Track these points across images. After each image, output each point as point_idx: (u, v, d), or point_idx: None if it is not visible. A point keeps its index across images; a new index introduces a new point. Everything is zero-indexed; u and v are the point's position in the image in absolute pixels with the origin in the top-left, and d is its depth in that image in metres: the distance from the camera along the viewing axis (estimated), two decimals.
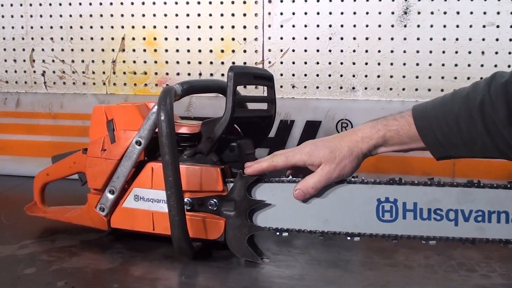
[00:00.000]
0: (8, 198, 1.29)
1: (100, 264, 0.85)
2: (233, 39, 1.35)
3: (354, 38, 1.28)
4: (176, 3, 1.36)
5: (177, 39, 1.38)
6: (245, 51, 1.35)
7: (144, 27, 1.39)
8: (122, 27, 1.40)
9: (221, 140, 0.87)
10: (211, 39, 1.36)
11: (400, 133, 0.78)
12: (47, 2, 1.43)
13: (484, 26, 1.21)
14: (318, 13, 1.29)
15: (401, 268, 0.83)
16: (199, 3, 1.35)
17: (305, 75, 1.33)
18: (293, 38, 1.32)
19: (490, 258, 0.86)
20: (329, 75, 1.31)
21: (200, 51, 1.37)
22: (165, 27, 1.38)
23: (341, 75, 1.31)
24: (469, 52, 1.23)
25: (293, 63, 1.33)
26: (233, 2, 1.33)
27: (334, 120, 1.28)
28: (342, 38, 1.29)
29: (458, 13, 1.22)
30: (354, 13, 1.27)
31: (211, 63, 1.37)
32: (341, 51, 1.29)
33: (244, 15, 1.33)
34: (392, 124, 0.79)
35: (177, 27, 1.37)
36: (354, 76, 1.30)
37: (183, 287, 0.79)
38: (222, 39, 1.35)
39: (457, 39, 1.23)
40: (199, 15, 1.36)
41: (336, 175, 0.79)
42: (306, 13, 1.30)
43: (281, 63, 1.33)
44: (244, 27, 1.34)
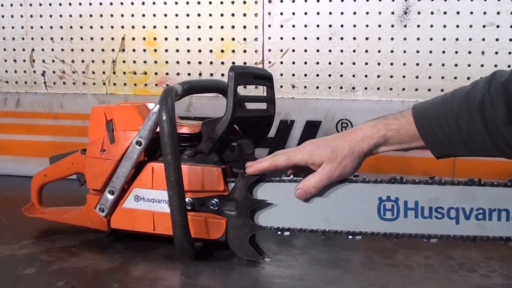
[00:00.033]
0: (8, 198, 1.29)
1: (100, 264, 0.85)
2: (233, 39, 1.35)
3: (354, 38, 1.28)
4: (176, 3, 1.36)
5: (177, 39, 1.38)
6: (245, 51, 1.35)
7: (144, 27, 1.39)
8: (122, 27, 1.40)
9: (222, 140, 0.87)
10: (211, 39, 1.36)
11: (401, 132, 0.78)
12: (47, 2, 1.43)
13: (484, 26, 1.21)
14: (318, 13, 1.29)
15: (401, 268, 0.83)
16: (199, 3, 1.35)
17: (305, 75, 1.33)
18: (293, 38, 1.32)
19: (490, 258, 0.86)
20: (329, 75, 1.31)
21: (200, 51, 1.37)
22: (165, 27, 1.38)
23: (341, 75, 1.31)
24: (469, 52, 1.23)
25: (293, 63, 1.33)
26: (233, 2, 1.33)
27: (334, 120, 1.28)
28: (342, 38, 1.29)
29: (458, 13, 1.22)
30: (354, 13, 1.27)
31: (211, 63, 1.37)
32: (341, 51, 1.29)
33: (244, 15, 1.33)
34: (392, 123, 0.79)
35: (177, 27, 1.37)
36: (354, 76, 1.30)
37: (183, 287, 0.79)
38: (222, 39, 1.35)
39: (457, 39, 1.23)
40: (199, 15, 1.36)
41: (338, 174, 0.79)
42: (306, 13, 1.30)
43: (281, 63, 1.33)
44: (244, 27, 1.34)
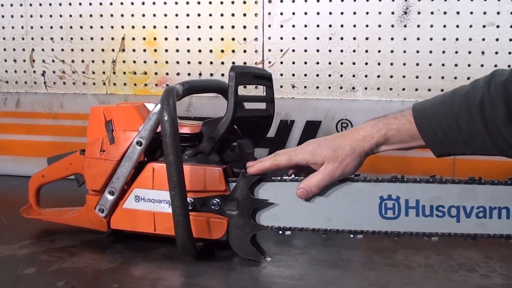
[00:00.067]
0: (8, 198, 1.29)
1: (100, 264, 0.85)
2: (233, 39, 1.35)
3: (354, 38, 1.28)
4: (176, 3, 1.36)
5: (177, 39, 1.38)
6: (245, 51, 1.35)
7: (144, 27, 1.39)
8: (122, 27, 1.40)
9: (222, 140, 0.87)
10: (211, 39, 1.36)
11: (401, 131, 0.78)
12: (47, 2, 1.43)
13: (484, 26, 1.21)
14: (318, 13, 1.29)
15: (401, 268, 0.83)
16: (199, 3, 1.35)
17: (305, 75, 1.33)
18: (293, 38, 1.32)
19: (490, 258, 0.86)
20: (329, 75, 1.31)
21: (200, 51, 1.37)
22: (165, 27, 1.38)
23: (341, 75, 1.31)
24: (469, 52, 1.23)
25: (293, 63, 1.33)
26: (233, 2, 1.33)
27: (334, 120, 1.28)
28: (342, 38, 1.29)
29: (458, 13, 1.22)
30: (354, 13, 1.27)
31: (211, 63, 1.37)
32: (341, 51, 1.29)
33: (244, 15, 1.33)
34: (393, 122, 0.79)
35: (177, 27, 1.37)
36: (354, 76, 1.30)
37: (184, 287, 0.79)
38: (222, 39, 1.35)
39: (457, 39, 1.23)
40: (199, 15, 1.36)
41: (339, 173, 0.79)
42: (306, 13, 1.30)
43: (281, 63, 1.33)
44: (244, 27, 1.34)
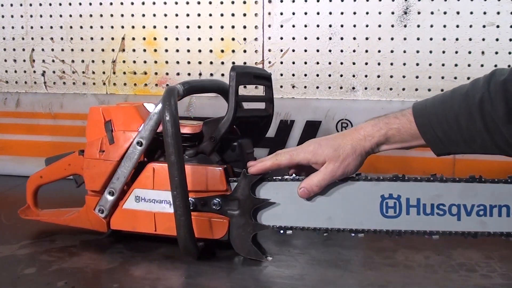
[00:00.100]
0: (8, 198, 1.29)
1: (100, 264, 0.85)
2: (233, 39, 1.35)
3: (354, 38, 1.28)
4: (176, 3, 1.36)
5: (177, 39, 1.38)
6: (245, 51, 1.35)
7: (144, 27, 1.39)
8: (122, 27, 1.40)
9: (223, 140, 0.87)
10: (211, 39, 1.36)
11: (401, 131, 0.79)
12: (47, 2, 1.43)
13: (484, 26, 1.21)
14: (318, 13, 1.29)
15: (401, 268, 0.83)
16: (199, 3, 1.35)
17: (305, 75, 1.33)
18: (293, 38, 1.32)
19: (490, 258, 0.86)
20: (329, 75, 1.31)
21: (200, 51, 1.37)
22: (165, 27, 1.38)
23: (341, 75, 1.31)
24: (469, 52, 1.23)
25: (293, 63, 1.33)
26: (233, 2, 1.33)
27: (334, 120, 1.28)
28: (342, 38, 1.29)
29: (458, 13, 1.22)
30: (354, 13, 1.27)
31: (211, 63, 1.37)
32: (341, 51, 1.29)
33: (244, 15, 1.33)
34: (393, 122, 0.79)
35: (177, 27, 1.37)
36: (354, 76, 1.30)
37: (184, 287, 0.79)
38: (222, 39, 1.35)
39: (457, 39, 1.23)
40: (199, 15, 1.35)
41: (340, 173, 0.80)
42: (306, 13, 1.30)
43: (281, 63, 1.33)
44: (244, 27, 1.34)
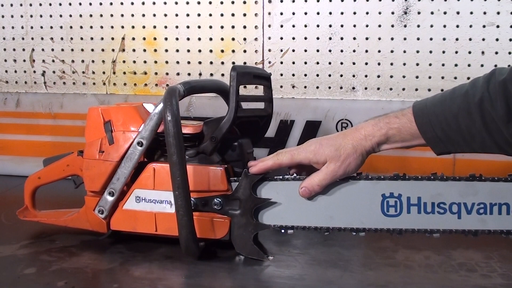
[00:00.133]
0: (8, 198, 1.29)
1: (100, 264, 0.85)
2: (233, 39, 1.35)
3: (354, 38, 1.28)
4: (176, 3, 1.36)
5: (177, 39, 1.38)
6: (245, 51, 1.35)
7: (144, 27, 1.39)
8: (122, 27, 1.40)
9: (223, 140, 0.87)
10: (211, 39, 1.36)
11: (402, 130, 0.79)
12: (47, 2, 1.43)
13: (484, 26, 1.21)
14: (318, 13, 1.29)
15: (401, 268, 0.83)
16: (199, 3, 1.35)
17: (305, 75, 1.33)
18: (293, 38, 1.32)
19: (490, 258, 0.86)
20: (329, 75, 1.31)
21: (200, 51, 1.37)
22: (165, 27, 1.38)
23: (341, 75, 1.31)
24: (469, 52, 1.23)
25: (293, 63, 1.33)
26: (233, 2, 1.33)
27: (334, 120, 1.28)
28: (342, 38, 1.29)
29: (458, 13, 1.22)
30: (354, 13, 1.27)
31: (211, 63, 1.37)
32: (341, 51, 1.29)
33: (244, 15, 1.33)
34: (393, 121, 0.80)
35: (177, 27, 1.37)
36: (354, 76, 1.30)
37: (184, 287, 0.80)
38: (222, 39, 1.35)
39: (457, 39, 1.23)
40: (199, 15, 1.35)
41: (341, 172, 0.80)
42: (306, 13, 1.30)
43: (281, 63, 1.33)
44: (244, 27, 1.34)
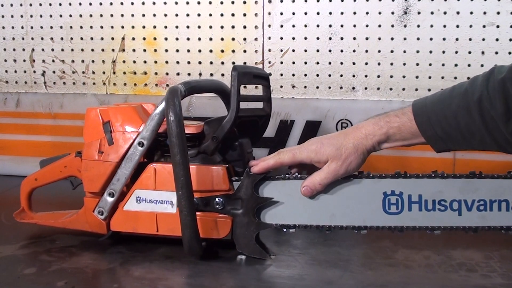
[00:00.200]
0: (8, 198, 1.29)
1: (100, 264, 0.85)
2: (233, 39, 1.35)
3: (354, 38, 1.28)
4: (176, 3, 1.36)
5: (177, 39, 1.38)
6: (245, 51, 1.35)
7: (144, 27, 1.39)
8: (122, 27, 1.40)
9: (224, 140, 0.87)
10: (211, 39, 1.36)
11: (402, 129, 0.79)
12: (47, 2, 1.43)
13: (484, 26, 1.21)
14: (318, 13, 1.29)
15: (401, 268, 0.83)
16: (199, 3, 1.35)
17: (305, 75, 1.33)
18: (293, 38, 1.32)
19: (490, 258, 0.86)
20: (329, 75, 1.31)
21: (200, 51, 1.37)
22: (165, 27, 1.38)
23: (341, 75, 1.31)
24: (469, 52, 1.23)
25: (293, 63, 1.33)
26: (233, 2, 1.33)
27: (334, 120, 1.28)
28: (342, 38, 1.29)
29: (458, 13, 1.22)
30: (354, 13, 1.27)
31: (211, 63, 1.37)
32: (341, 51, 1.29)
33: (244, 15, 1.33)
34: (394, 120, 0.80)
35: (177, 27, 1.37)
36: (354, 76, 1.30)
37: (183, 287, 0.80)
38: (222, 39, 1.35)
39: (457, 39, 1.23)
40: (199, 15, 1.35)
41: (343, 172, 0.81)
42: (306, 13, 1.30)
43: (281, 63, 1.33)
44: (244, 27, 1.34)
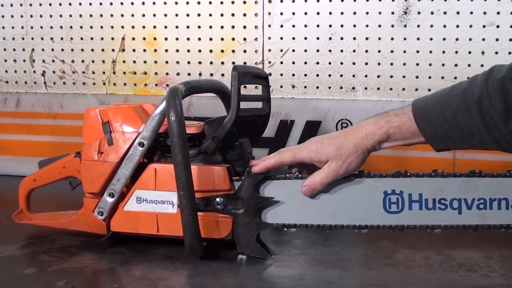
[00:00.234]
0: (8, 198, 1.29)
1: (100, 264, 0.85)
2: (233, 39, 1.35)
3: (354, 38, 1.28)
4: (176, 3, 1.36)
5: (177, 39, 1.38)
6: (245, 51, 1.35)
7: (144, 27, 1.39)
8: (122, 27, 1.40)
9: (224, 139, 0.87)
10: (211, 39, 1.36)
11: (402, 129, 0.80)
12: (47, 2, 1.43)
13: (484, 26, 1.21)
14: (318, 13, 1.29)
15: (401, 268, 0.83)
16: (199, 3, 1.35)
17: (305, 75, 1.33)
18: (293, 38, 1.32)
19: (490, 258, 0.86)
20: (329, 75, 1.31)
21: (200, 51, 1.37)
22: (165, 27, 1.38)
23: (341, 75, 1.31)
24: (469, 52, 1.23)
25: (293, 63, 1.33)
26: (233, 2, 1.33)
27: (334, 120, 1.28)
28: (342, 38, 1.29)
29: (458, 13, 1.22)
30: (354, 13, 1.27)
31: (211, 63, 1.37)
32: (341, 51, 1.29)
33: (244, 15, 1.33)
34: (394, 120, 0.80)
35: (177, 27, 1.37)
36: (354, 76, 1.30)
37: (183, 287, 0.80)
38: (222, 39, 1.35)
39: (457, 39, 1.23)
40: (199, 15, 1.35)
41: (343, 171, 0.81)
42: (306, 13, 1.30)
43: (281, 63, 1.33)
44: (244, 27, 1.34)
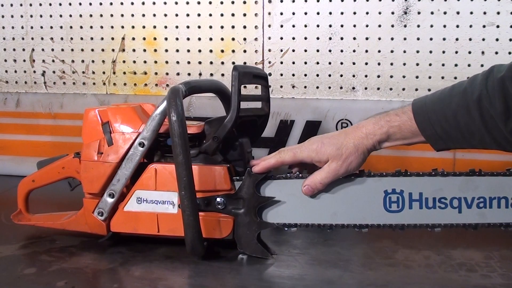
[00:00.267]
0: (8, 198, 1.29)
1: (100, 264, 0.85)
2: (233, 39, 1.35)
3: (354, 38, 1.28)
4: (176, 3, 1.36)
5: (177, 39, 1.38)
6: (245, 51, 1.35)
7: (144, 27, 1.39)
8: (122, 27, 1.40)
9: (224, 139, 0.87)
10: (211, 39, 1.36)
11: (402, 128, 0.80)
12: (47, 2, 1.43)
13: (484, 26, 1.21)
14: (318, 13, 1.29)
15: (401, 268, 0.83)
16: (199, 3, 1.35)
17: (305, 75, 1.33)
18: (293, 38, 1.32)
19: (490, 258, 0.86)
20: (329, 75, 1.31)
21: (200, 51, 1.37)
22: (165, 27, 1.38)
23: (341, 75, 1.31)
24: (469, 52, 1.23)
25: (293, 63, 1.33)
26: (233, 2, 1.33)
27: (334, 120, 1.28)
28: (342, 38, 1.29)
29: (458, 13, 1.22)
30: (354, 13, 1.27)
31: (211, 63, 1.37)
32: (341, 51, 1.29)
33: (244, 15, 1.33)
34: (394, 119, 0.80)
35: (177, 27, 1.37)
36: (354, 76, 1.30)
37: (183, 287, 0.80)
38: (222, 39, 1.35)
39: (457, 39, 1.23)
40: (199, 15, 1.35)
41: (343, 171, 0.81)
42: (306, 13, 1.30)
43: (281, 63, 1.33)
44: (244, 27, 1.34)
